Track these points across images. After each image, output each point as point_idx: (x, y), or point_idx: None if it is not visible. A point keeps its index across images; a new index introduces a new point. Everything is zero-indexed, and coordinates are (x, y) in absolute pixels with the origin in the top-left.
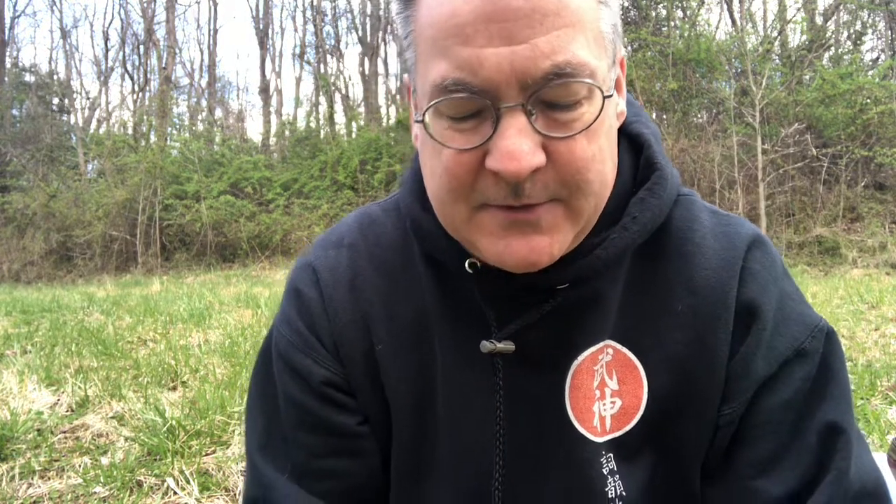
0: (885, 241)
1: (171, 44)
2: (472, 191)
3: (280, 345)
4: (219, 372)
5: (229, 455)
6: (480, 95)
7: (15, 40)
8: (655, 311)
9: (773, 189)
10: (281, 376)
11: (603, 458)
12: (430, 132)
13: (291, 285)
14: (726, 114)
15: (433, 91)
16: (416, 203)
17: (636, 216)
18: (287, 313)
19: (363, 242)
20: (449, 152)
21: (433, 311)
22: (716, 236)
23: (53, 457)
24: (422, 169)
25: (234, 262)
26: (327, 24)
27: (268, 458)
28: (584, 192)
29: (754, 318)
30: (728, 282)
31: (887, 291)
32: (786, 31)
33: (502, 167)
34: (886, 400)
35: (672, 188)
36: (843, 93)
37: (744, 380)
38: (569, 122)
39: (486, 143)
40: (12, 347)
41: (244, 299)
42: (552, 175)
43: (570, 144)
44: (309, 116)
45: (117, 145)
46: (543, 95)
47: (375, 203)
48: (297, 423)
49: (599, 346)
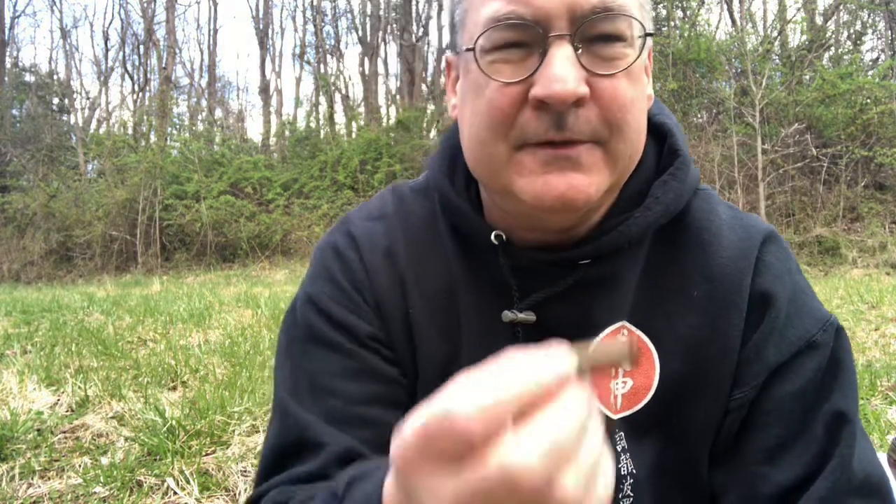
0: (885, 241)
1: (171, 44)
2: (512, 127)
3: (321, 301)
4: (219, 372)
5: (229, 455)
6: (532, 24)
7: (15, 40)
8: (671, 296)
9: (773, 189)
10: (325, 330)
11: (616, 435)
12: (477, 62)
13: (331, 246)
14: (726, 114)
15: (485, 24)
16: (446, 179)
17: (659, 197)
18: (330, 270)
19: (396, 217)
20: (494, 85)
21: (459, 283)
22: (732, 228)
23: (53, 457)
24: (460, 120)
25: (234, 262)
26: (327, 24)
27: (305, 405)
28: (623, 133)
29: (768, 306)
30: (743, 270)
31: (887, 291)
32: (786, 31)
33: (549, 91)
34: (886, 400)
35: (693, 176)
36: (843, 93)
37: (755, 365)
38: (613, 60)
39: (531, 76)
40: (12, 347)
41: (244, 299)
42: (595, 111)
43: (614, 82)
44: (309, 116)
45: (117, 145)
46: (590, 29)
47: (405, 183)
48: (339, 372)
49: (617, 325)
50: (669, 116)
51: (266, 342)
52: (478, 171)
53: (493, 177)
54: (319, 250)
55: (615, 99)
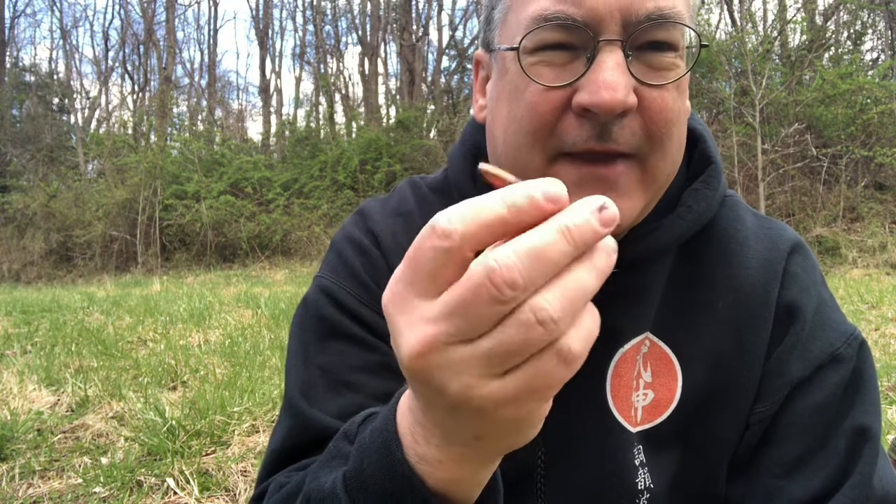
0: (885, 241)
1: (171, 44)
2: (551, 134)
3: (341, 295)
4: (219, 372)
5: (229, 455)
6: (582, 26)
7: (15, 40)
8: (695, 307)
9: (773, 189)
10: (340, 322)
11: (635, 448)
12: (520, 63)
13: (352, 242)
14: (726, 114)
15: (530, 23)
16: (469, 179)
17: (691, 206)
18: (352, 265)
19: (418, 213)
20: (535, 89)
21: None
22: (758, 238)
23: (53, 457)
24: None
25: (234, 262)
26: (327, 24)
27: (315, 404)
28: (665, 149)
29: (794, 320)
30: (770, 282)
31: (887, 291)
32: (786, 31)
33: (597, 99)
34: (886, 400)
35: (724, 184)
36: (843, 93)
37: (778, 379)
38: (663, 70)
39: (576, 82)
40: (12, 347)
41: (244, 299)
42: (639, 123)
43: (663, 94)
44: (309, 116)
45: (117, 145)
46: (643, 36)
47: (422, 178)
48: (360, 366)
49: (641, 338)
50: (700, 122)
51: (266, 342)
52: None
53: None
54: (339, 244)
55: (663, 112)
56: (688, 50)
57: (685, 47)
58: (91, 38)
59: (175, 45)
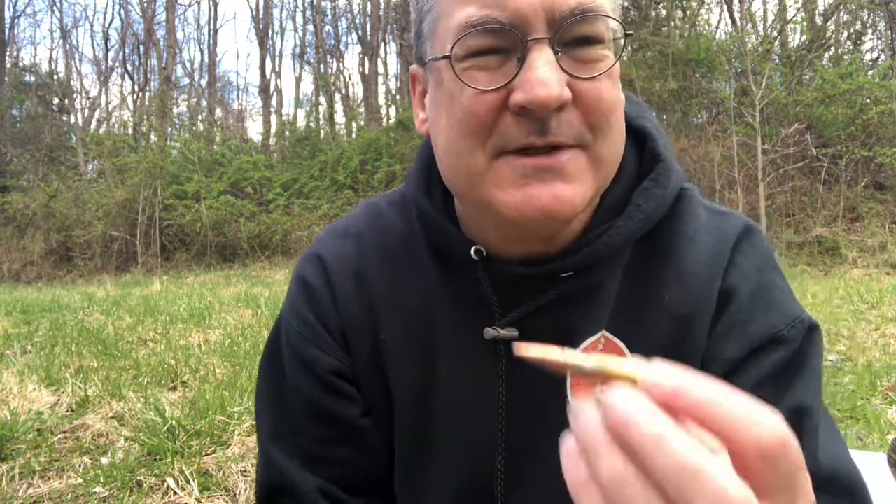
0: (885, 241)
1: (171, 44)
2: (491, 134)
3: (289, 335)
4: (219, 372)
5: (229, 455)
6: (509, 28)
7: (15, 40)
8: (648, 303)
9: (773, 189)
10: (290, 366)
11: None
12: (453, 69)
13: (299, 276)
14: (726, 114)
15: (458, 31)
16: (422, 193)
17: (640, 205)
18: (295, 304)
19: (370, 232)
20: (471, 93)
21: (438, 300)
22: (708, 231)
23: (53, 457)
24: (433, 133)
25: (234, 262)
26: (327, 24)
27: (280, 446)
28: (607, 136)
29: (729, 302)
30: (716, 273)
31: (887, 291)
32: (786, 31)
33: (532, 96)
34: (886, 400)
35: (676, 180)
36: (843, 93)
37: (714, 362)
38: (593, 63)
39: (510, 83)
40: (12, 347)
41: (244, 299)
42: (577, 115)
43: (596, 85)
44: (309, 116)
45: (117, 145)
46: (569, 32)
47: (382, 196)
48: (304, 413)
49: (597, 336)
50: (650, 119)
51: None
52: (454, 185)
53: (470, 189)
54: (293, 279)
55: (599, 102)
56: (615, 42)
57: (612, 39)
58: (91, 38)
59: (175, 45)
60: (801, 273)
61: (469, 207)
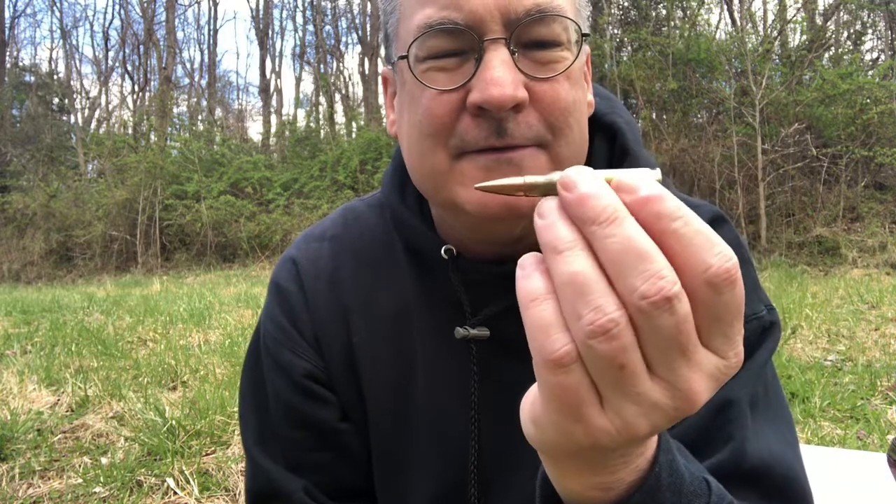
0: (885, 241)
1: (171, 44)
2: (451, 135)
3: (266, 340)
4: (219, 372)
5: (229, 455)
6: (465, 29)
7: (15, 40)
8: None
9: (773, 189)
10: (269, 373)
11: None
12: (412, 71)
13: (274, 280)
14: (726, 114)
15: (416, 31)
16: (396, 195)
17: None
18: (270, 309)
19: (346, 235)
20: (430, 93)
21: (413, 301)
22: None
23: (53, 457)
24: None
25: (234, 262)
26: (327, 24)
27: (265, 451)
28: (566, 137)
29: None
30: None
31: (887, 291)
32: (786, 31)
33: (487, 95)
34: (886, 400)
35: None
36: (843, 93)
37: None
38: (550, 64)
39: (468, 83)
40: (12, 347)
41: (244, 299)
42: (535, 116)
43: (553, 85)
44: (309, 116)
45: (117, 145)
46: (526, 33)
47: (359, 199)
48: (284, 418)
49: None
50: (621, 114)
51: None
52: (421, 185)
53: (435, 189)
54: (269, 283)
55: (556, 101)
56: (577, 44)
57: (573, 40)
58: (91, 38)
59: (175, 45)
60: (801, 273)
61: (437, 208)
